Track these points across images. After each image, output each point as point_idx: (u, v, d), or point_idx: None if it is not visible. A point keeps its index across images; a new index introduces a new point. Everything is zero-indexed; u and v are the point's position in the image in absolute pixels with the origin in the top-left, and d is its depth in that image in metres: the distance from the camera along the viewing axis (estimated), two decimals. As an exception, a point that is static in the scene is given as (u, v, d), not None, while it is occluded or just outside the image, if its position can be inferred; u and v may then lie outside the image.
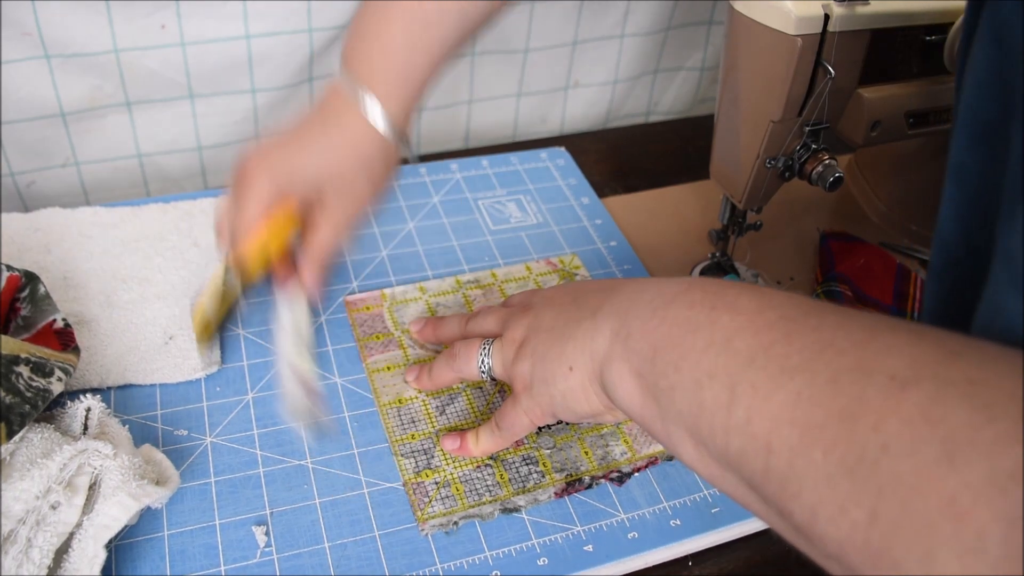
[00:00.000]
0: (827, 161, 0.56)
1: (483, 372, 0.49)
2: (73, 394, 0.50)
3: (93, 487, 0.43)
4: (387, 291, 0.61)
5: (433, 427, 0.53)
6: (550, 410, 0.44)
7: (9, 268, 0.50)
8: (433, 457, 0.51)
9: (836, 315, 0.31)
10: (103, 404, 0.47)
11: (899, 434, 0.25)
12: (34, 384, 0.45)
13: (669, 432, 0.36)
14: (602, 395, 0.41)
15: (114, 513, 0.42)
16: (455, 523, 0.47)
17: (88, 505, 0.43)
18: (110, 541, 0.42)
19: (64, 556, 0.42)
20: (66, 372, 0.47)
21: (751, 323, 0.32)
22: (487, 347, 0.48)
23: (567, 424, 0.53)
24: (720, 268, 0.68)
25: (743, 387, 0.31)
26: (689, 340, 0.34)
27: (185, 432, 0.51)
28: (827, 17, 0.51)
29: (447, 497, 0.49)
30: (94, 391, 0.51)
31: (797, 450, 0.28)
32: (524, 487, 0.50)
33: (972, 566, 0.22)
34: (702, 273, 0.68)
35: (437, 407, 0.54)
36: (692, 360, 0.34)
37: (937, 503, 0.23)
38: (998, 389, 0.24)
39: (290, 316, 0.52)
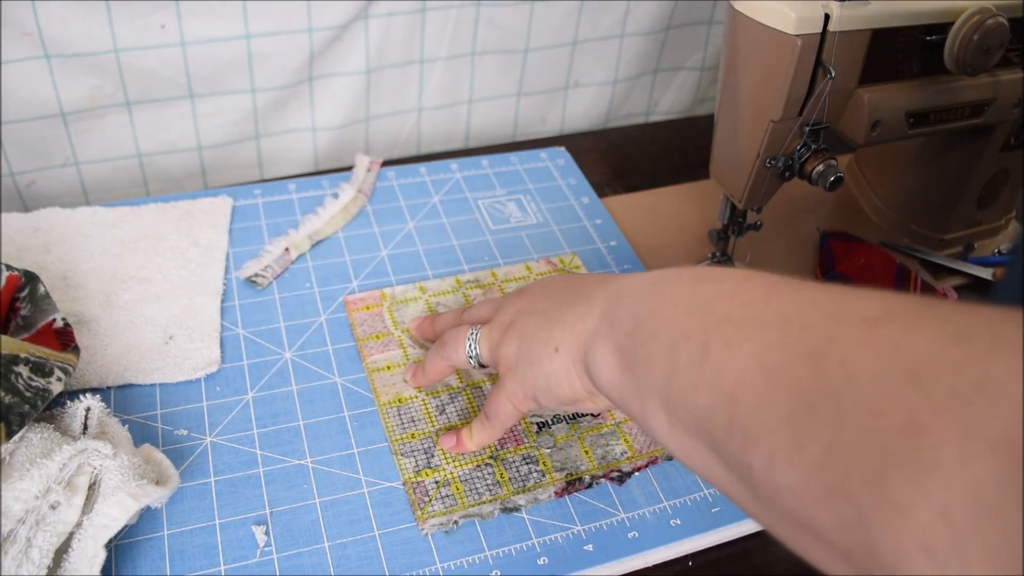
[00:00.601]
0: (827, 161, 0.56)
1: (471, 358, 0.48)
2: (73, 394, 0.50)
3: (93, 487, 0.43)
4: (387, 290, 0.61)
5: (433, 426, 0.53)
6: (532, 393, 0.44)
7: (9, 268, 0.50)
8: (433, 456, 0.51)
9: (823, 284, 0.30)
10: (103, 404, 0.47)
11: (866, 364, 0.24)
12: (34, 384, 0.45)
13: (644, 406, 0.35)
14: (584, 378, 0.40)
15: (114, 513, 0.42)
16: (455, 522, 0.47)
17: (88, 505, 0.43)
18: (110, 541, 0.42)
19: (64, 556, 0.42)
20: (66, 372, 0.47)
21: (733, 289, 0.32)
22: (475, 333, 0.48)
23: (567, 423, 0.53)
24: (720, 268, 0.68)
25: (716, 343, 0.30)
26: (670, 309, 0.34)
27: (185, 432, 0.51)
28: (827, 17, 0.51)
29: (447, 496, 0.49)
30: (94, 391, 0.51)
31: (762, 395, 0.27)
32: (524, 486, 0.49)
33: (923, 485, 0.21)
34: (702, 273, 0.68)
35: (437, 406, 0.54)
36: (670, 325, 0.33)
37: (896, 422, 0.22)
38: (972, 317, 0.23)
39: None
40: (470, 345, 0.48)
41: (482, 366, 0.49)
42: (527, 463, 0.51)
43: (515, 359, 0.44)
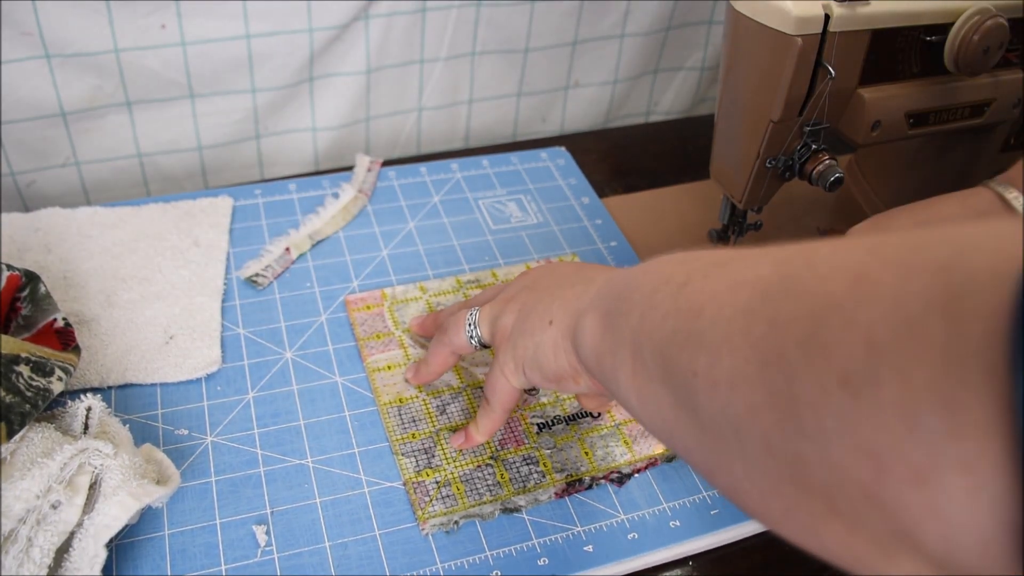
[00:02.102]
0: (827, 161, 0.56)
1: (471, 338, 0.49)
2: (73, 393, 0.50)
3: (94, 486, 0.43)
4: (387, 290, 0.61)
5: (434, 426, 0.53)
6: (522, 363, 0.44)
7: (9, 268, 0.50)
8: (434, 456, 0.51)
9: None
10: (103, 403, 0.47)
11: (831, 264, 0.24)
12: (34, 384, 0.45)
13: (615, 359, 0.35)
14: (571, 354, 0.40)
15: (115, 512, 0.42)
16: (455, 523, 0.47)
17: (89, 504, 0.43)
18: (111, 540, 0.42)
19: (65, 555, 0.42)
20: (66, 372, 0.47)
21: (727, 250, 0.32)
22: (475, 313, 0.48)
23: (567, 424, 0.53)
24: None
25: (696, 278, 0.30)
26: (657, 266, 0.34)
27: (185, 431, 0.51)
28: (827, 17, 0.51)
29: (447, 496, 0.49)
30: (94, 390, 0.51)
31: (724, 301, 0.27)
32: (524, 487, 0.50)
33: (854, 321, 0.21)
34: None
35: (438, 406, 0.54)
36: (656, 275, 0.33)
37: (844, 280, 0.22)
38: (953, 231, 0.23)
39: None
40: (470, 325, 0.48)
41: (484, 346, 0.49)
42: (527, 464, 0.51)
43: (511, 329, 0.45)
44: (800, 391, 0.22)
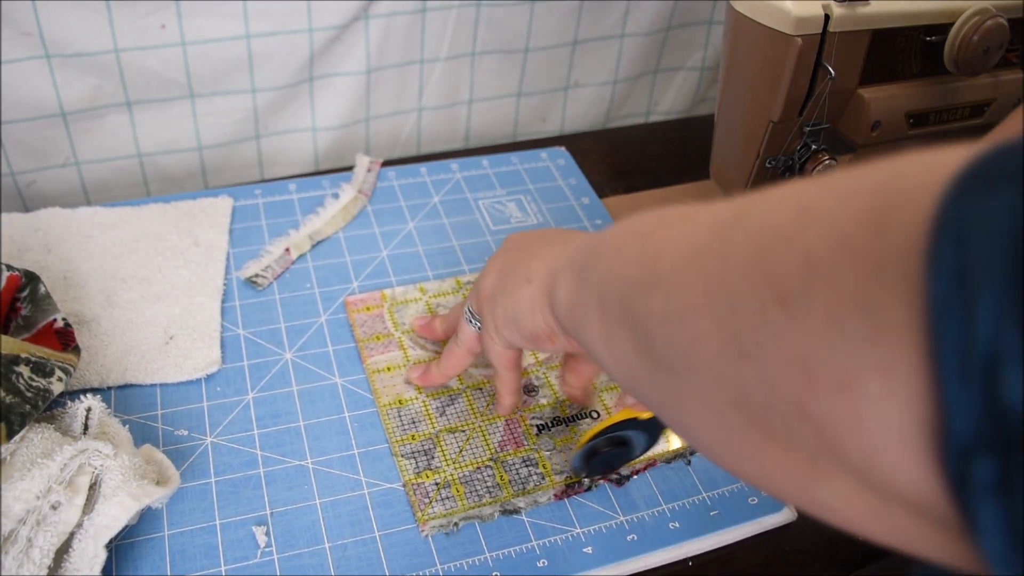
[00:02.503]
0: (827, 161, 0.56)
1: (470, 323, 0.49)
2: (73, 394, 0.50)
3: (94, 487, 0.43)
4: (387, 291, 0.61)
5: (433, 428, 0.53)
6: (501, 322, 0.45)
7: (9, 268, 0.50)
8: (433, 458, 0.51)
9: None
10: (103, 404, 0.47)
11: (780, 197, 0.24)
12: (34, 384, 0.45)
13: (585, 313, 0.35)
14: (548, 313, 0.41)
15: (114, 513, 0.42)
16: (455, 524, 0.47)
17: (88, 505, 0.43)
18: (110, 541, 0.42)
19: (64, 556, 0.42)
20: (66, 372, 0.47)
21: (696, 204, 0.32)
22: (470, 300, 0.49)
23: (567, 425, 0.53)
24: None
25: (661, 229, 0.30)
26: (630, 224, 0.34)
27: (185, 432, 0.51)
28: (827, 17, 0.51)
29: (447, 498, 0.49)
30: (94, 391, 0.51)
31: (682, 243, 0.28)
32: (524, 488, 0.50)
33: (794, 241, 0.22)
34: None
35: (437, 408, 0.54)
36: (625, 231, 0.33)
37: (790, 211, 0.23)
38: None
39: None
40: (468, 311, 0.49)
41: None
42: (527, 465, 0.51)
43: (492, 289, 0.45)
44: (742, 313, 0.23)
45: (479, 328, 0.49)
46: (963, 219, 0.17)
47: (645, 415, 0.46)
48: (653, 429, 0.47)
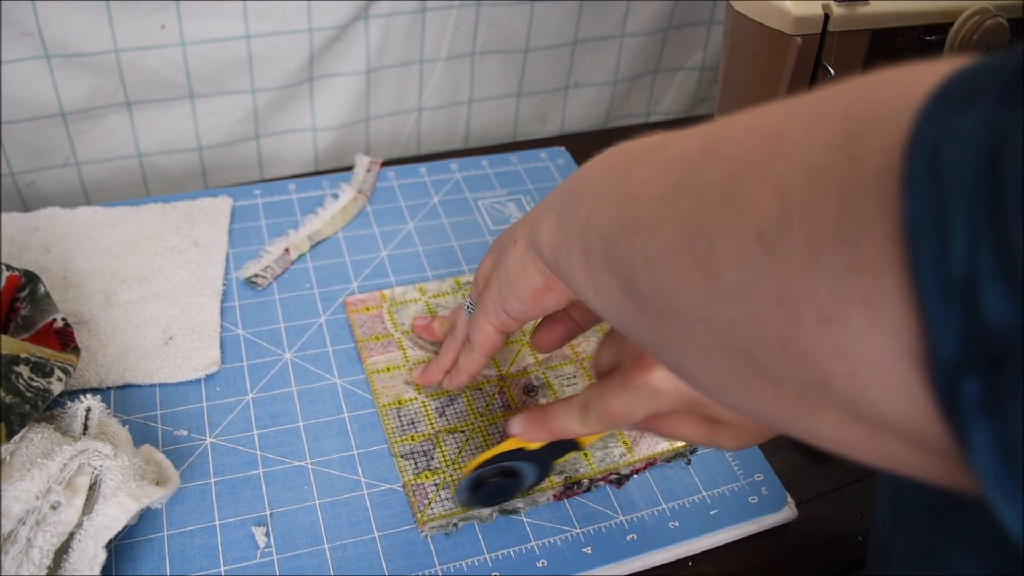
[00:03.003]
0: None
1: (467, 309, 0.48)
2: (73, 394, 0.50)
3: (93, 487, 0.43)
4: (387, 292, 0.61)
5: (433, 428, 0.53)
6: (501, 297, 0.43)
7: (9, 268, 0.50)
8: (433, 459, 0.51)
9: None
10: (103, 404, 0.47)
11: (747, 127, 0.24)
12: (34, 384, 0.45)
13: (569, 255, 0.35)
14: (537, 260, 0.40)
15: (114, 513, 0.42)
16: (454, 525, 0.47)
17: (88, 505, 0.43)
18: (110, 541, 0.42)
19: (64, 556, 0.42)
20: (66, 372, 0.47)
21: (668, 132, 0.31)
22: (470, 292, 0.49)
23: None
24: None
25: (634, 165, 0.30)
26: (604, 161, 0.34)
27: (185, 432, 0.51)
28: (827, 17, 0.51)
29: (447, 499, 0.49)
30: (94, 391, 0.51)
31: (656, 181, 0.27)
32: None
33: (766, 177, 0.22)
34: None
35: (437, 408, 0.54)
36: (601, 169, 0.33)
37: (759, 140, 0.23)
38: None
39: None
40: (468, 298, 0.48)
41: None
42: (527, 464, 0.51)
43: (489, 269, 0.45)
44: (721, 253, 0.23)
45: (471, 312, 0.48)
46: (937, 136, 0.17)
47: (533, 446, 0.45)
48: (543, 461, 0.46)
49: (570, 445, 0.46)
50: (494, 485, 0.46)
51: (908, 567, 0.35)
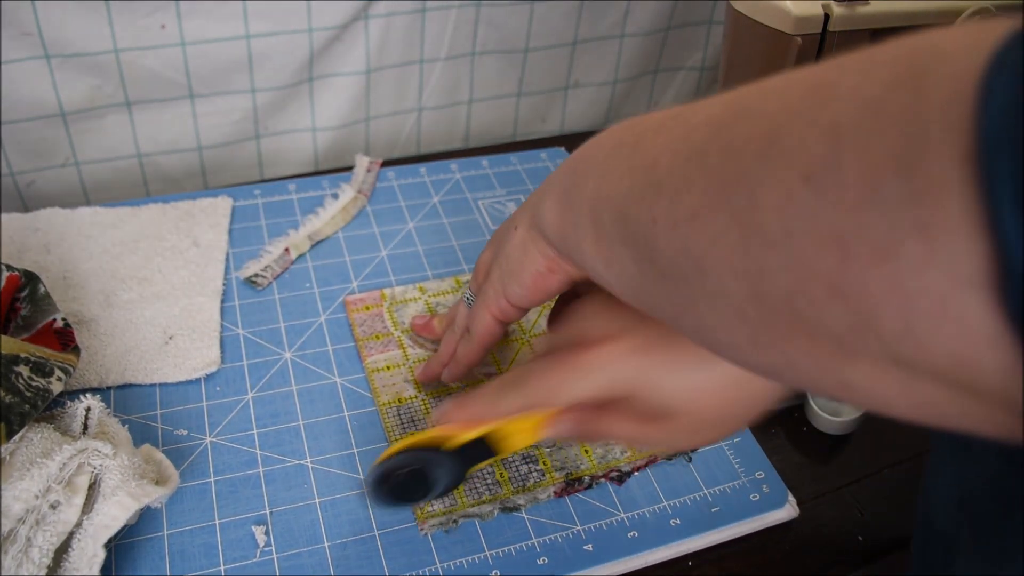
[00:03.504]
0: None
1: (467, 300, 0.48)
2: (73, 394, 0.50)
3: (93, 487, 0.43)
4: (387, 291, 0.61)
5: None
6: (503, 287, 0.42)
7: (9, 268, 0.50)
8: (433, 457, 0.51)
9: None
10: (103, 404, 0.47)
11: (786, 83, 0.24)
12: (34, 384, 0.45)
13: (576, 231, 0.34)
14: (539, 241, 0.39)
15: (114, 513, 0.42)
16: (455, 522, 0.47)
17: (88, 505, 0.43)
18: (110, 541, 0.42)
19: (64, 556, 0.42)
20: (66, 372, 0.47)
21: (678, 106, 0.31)
22: (470, 284, 0.48)
23: (567, 424, 0.53)
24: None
25: (647, 135, 0.30)
26: (610, 136, 0.34)
27: (185, 432, 0.51)
28: (827, 17, 0.51)
29: (446, 496, 0.49)
30: (94, 391, 0.51)
31: (678, 148, 0.27)
32: (524, 486, 0.50)
33: (817, 119, 0.21)
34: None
35: (436, 407, 0.54)
36: (608, 144, 0.33)
37: (801, 91, 0.23)
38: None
39: None
40: (468, 290, 0.48)
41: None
42: (527, 462, 0.51)
43: (489, 259, 0.45)
44: (763, 201, 0.22)
45: (471, 304, 0.47)
46: (1022, 57, 0.17)
47: (450, 444, 0.40)
48: (456, 466, 0.41)
49: (487, 452, 0.41)
50: (401, 482, 0.41)
51: (979, 565, 0.34)
